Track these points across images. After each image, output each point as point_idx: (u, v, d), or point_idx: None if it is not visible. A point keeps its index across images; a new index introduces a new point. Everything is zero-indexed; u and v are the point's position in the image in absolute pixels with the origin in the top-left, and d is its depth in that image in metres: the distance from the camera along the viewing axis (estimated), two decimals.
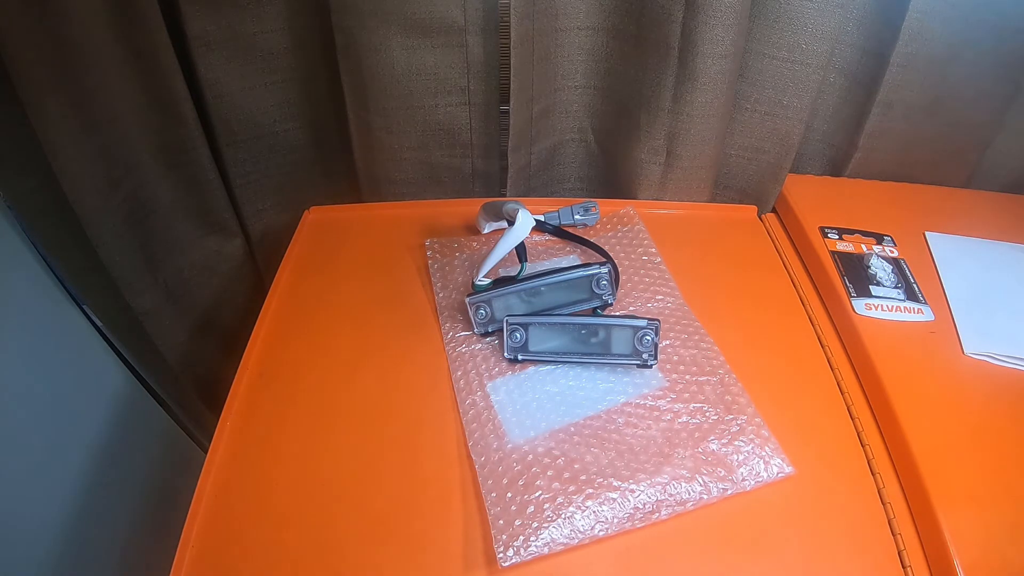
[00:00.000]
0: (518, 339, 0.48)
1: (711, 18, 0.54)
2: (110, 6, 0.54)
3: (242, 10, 0.59)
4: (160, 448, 0.68)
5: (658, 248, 0.59)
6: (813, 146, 0.69)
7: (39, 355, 0.54)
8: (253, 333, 0.52)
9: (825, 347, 0.52)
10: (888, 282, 0.55)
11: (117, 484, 0.60)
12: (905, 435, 0.43)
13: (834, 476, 0.43)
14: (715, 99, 0.59)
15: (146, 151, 0.62)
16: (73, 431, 0.56)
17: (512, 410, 0.46)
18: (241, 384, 0.48)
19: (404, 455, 0.43)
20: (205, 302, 0.75)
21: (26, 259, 0.54)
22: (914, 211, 0.64)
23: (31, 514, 0.51)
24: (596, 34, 0.62)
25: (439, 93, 0.61)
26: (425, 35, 0.57)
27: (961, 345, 0.50)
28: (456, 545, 0.39)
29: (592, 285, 0.50)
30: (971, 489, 0.41)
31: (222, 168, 0.67)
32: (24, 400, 0.52)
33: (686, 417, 0.45)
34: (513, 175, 0.66)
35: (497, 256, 0.52)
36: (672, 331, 0.51)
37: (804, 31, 0.57)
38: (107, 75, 0.56)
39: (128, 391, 0.64)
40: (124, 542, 0.60)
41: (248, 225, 0.73)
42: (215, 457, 0.43)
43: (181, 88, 0.60)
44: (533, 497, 0.40)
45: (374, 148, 0.65)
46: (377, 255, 0.60)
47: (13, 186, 0.54)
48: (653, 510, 0.40)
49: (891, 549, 0.39)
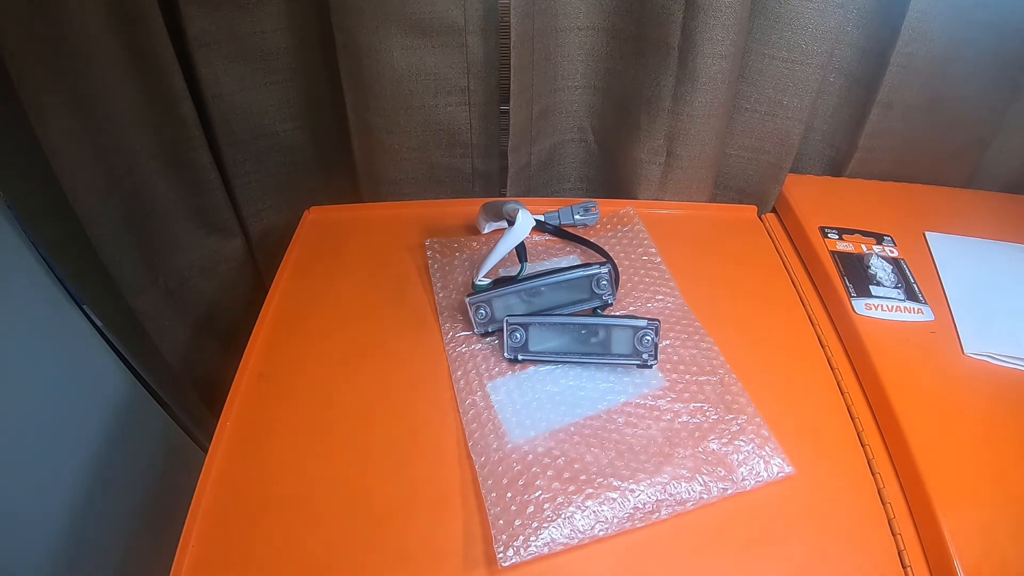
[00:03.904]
0: (518, 339, 0.48)
1: (711, 18, 0.54)
2: (110, 6, 0.54)
3: (242, 10, 0.59)
4: (160, 448, 0.68)
5: (658, 248, 0.59)
6: (813, 146, 0.69)
7: (39, 355, 0.54)
8: (253, 333, 0.52)
9: (825, 347, 0.52)
10: (888, 282, 0.55)
11: (117, 484, 0.60)
12: (905, 435, 0.43)
13: (834, 476, 0.43)
14: (715, 99, 0.59)
15: (146, 151, 0.62)
16: (73, 431, 0.56)
17: (512, 410, 0.46)
18: (241, 384, 0.48)
19: (404, 455, 0.43)
20: (205, 302, 0.75)
21: (26, 259, 0.54)
22: (914, 211, 0.64)
23: (31, 514, 0.51)
24: (596, 34, 0.62)
25: (439, 93, 0.61)
26: (425, 35, 0.57)
27: (961, 345, 0.50)
28: (456, 545, 0.39)
29: (592, 285, 0.50)
30: (971, 489, 0.41)
31: (222, 168, 0.67)
32: (24, 400, 0.52)
33: (686, 417, 0.45)
34: (513, 175, 0.66)
35: (497, 256, 0.52)
36: (672, 331, 0.51)
37: (804, 31, 0.57)
38: (107, 75, 0.56)
39: (128, 391, 0.64)
40: (124, 542, 0.60)
41: (248, 225, 0.73)
42: (215, 457, 0.43)
43: (181, 88, 0.60)
44: (533, 497, 0.40)
45: (374, 148, 0.65)
46: (377, 255, 0.60)
47: (13, 186, 0.54)
48: (653, 510, 0.40)
49: (891, 549, 0.39)
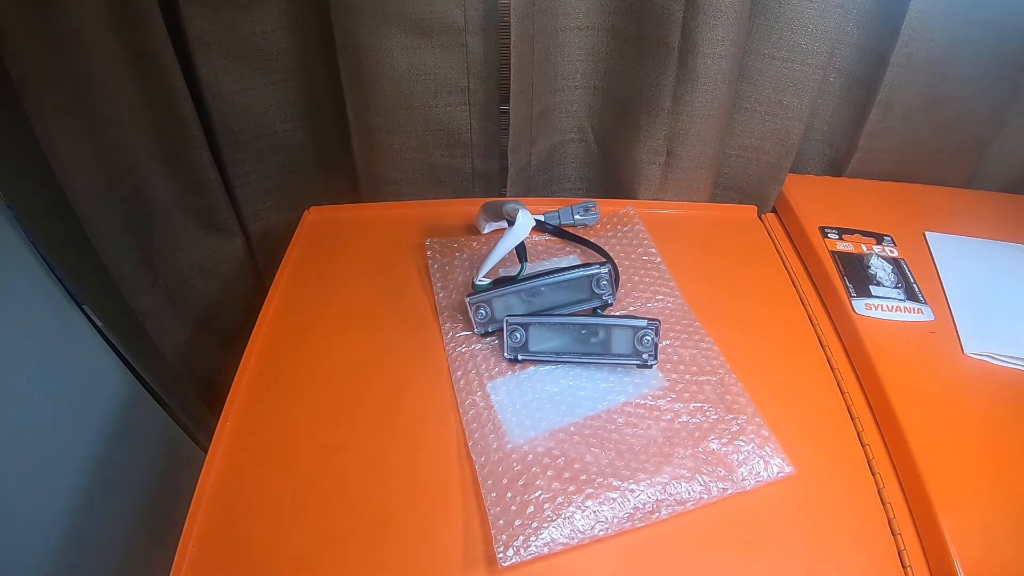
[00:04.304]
0: (518, 339, 0.48)
1: (711, 18, 0.54)
2: (110, 6, 0.54)
3: (242, 10, 0.59)
4: (160, 448, 0.68)
5: (658, 248, 0.59)
6: (813, 146, 0.69)
7: (39, 355, 0.54)
8: (253, 333, 0.52)
9: (825, 347, 0.52)
10: (888, 282, 0.55)
11: (117, 484, 0.60)
12: (905, 435, 0.43)
13: (834, 476, 0.43)
14: (715, 99, 0.59)
15: (146, 151, 0.62)
16: (73, 431, 0.56)
17: (512, 410, 0.46)
18: (241, 384, 0.48)
19: (404, 455, 0.43)
20: (205, 302, 0.75)
21: (26, 259, 0.54)
22: (914, 211, 0.64)
23: (31, 514, 0.51)
24: (596, 34, 0.62)
25: (439, 93, 0.61)
26: (425, 35, 0.57)
27: (961, 345, 0.50)
28: (456, 545, 0.39)
29: (592, 285, 0.50)
30: (971, 489, 0.41)
31: (222, 168, 0.67)
32: (24, 400, 0.52)
33: (686, 417, 0.45)
34: (513, 175, 0.66)
35: (497, 256, 0.52)
36: (672, 331, 0.51)
37: (804, 31, 0.57)
38: (107, 75, 0.56)
39: (128, 391, 0.64)
40: (124, 542, 0.60)
41: (248, 225, 0.73)
42: (215, 457, 0.43)
43: (181, 88, 0.60)
44: (533, 497, 0.40)
45: (374, 148, 0.65)
46: (377, 255, 0.60)
47: (13, 186, 0.54)
48: (653, 510, 0.40)
49: (891, 549, 0.39)
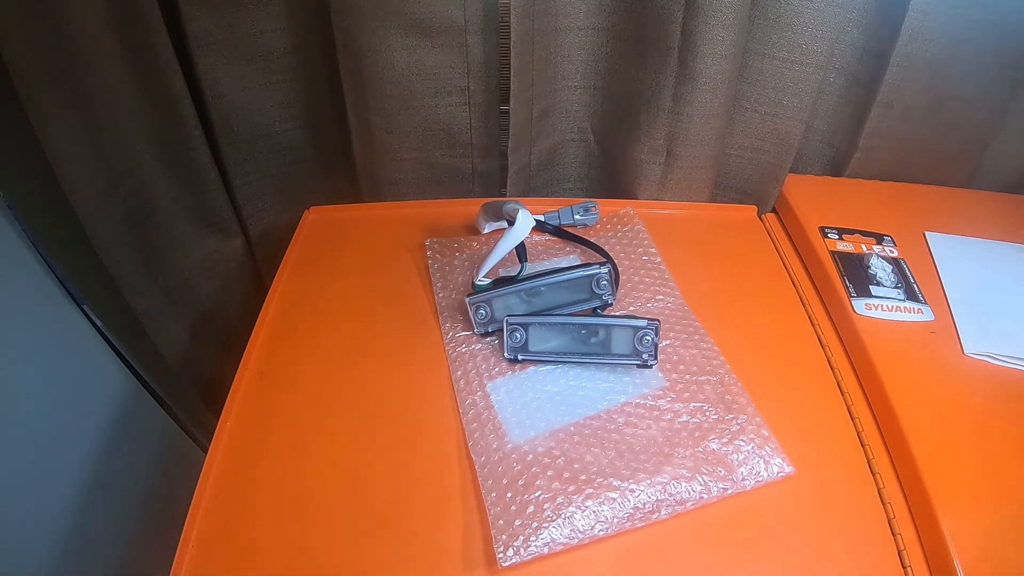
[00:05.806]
0: (518, 339, 0.48)
1: (711, 18, 0.54)
2: (110, 6, 0.54)
3: (242, 10, 0.59)
4: (160, 448, 0.68)
5: (658, 248, 0.59)
6: (813, 146, 0.69)
7: (39, 355, 0.54)
8: (253, 333, 0.52)
9: (825, 347, 0.52)
10: (888, 282, 0.55)
11: (117, 484, 0.60)
12: (905, 435, 0.43)
13: (834, 476, 0.43)
14: (715, 99, 0.59)
15: (146, 151, 0.62)
16: (73, 431, 0.56)
17: (512, 410, 0.46)
18: (241, 384, 0.48)
19: (404, 455, 0.43)
20: (205, 302, 0.75)
21: (26, 259, 0.54)
22: (914, 211, 0.64)
23: (31, 514, 0.51)
24: (596, 34, 0.62)
25: (439, 93, 0.61)
26: (425, 35, 0.57)
27: (961, 345, 0.50)
28: (456, 545, 0.39)
29: (592, 285, 0.50)
30: (971, 489, 0.41)
31: (222, 168, 0.67)
32: (24, 400, 0.52)
33: (686, 417, 0.45)
34: (513, 175, 0.66)
35: (497, 256, 0.52)
36: (672, 331, 0.51)
37: (804, 31, 0.57)
38: (107, 75, 0.56)
39: (128, 391, 0.64)
40: (124, 542, 0.60)
41: (248, 225, 0.73)
42: (215, 457, 0.43)
43: (181, 88, 0.60)
44: (533, 497, 0.40)
45: (374, 148, 0.65)
46: (377, 255, 0.60)
47: (13, 187, 0.54)
48: (653, 510, 0.40)
49: (891, 549, 0.39)
